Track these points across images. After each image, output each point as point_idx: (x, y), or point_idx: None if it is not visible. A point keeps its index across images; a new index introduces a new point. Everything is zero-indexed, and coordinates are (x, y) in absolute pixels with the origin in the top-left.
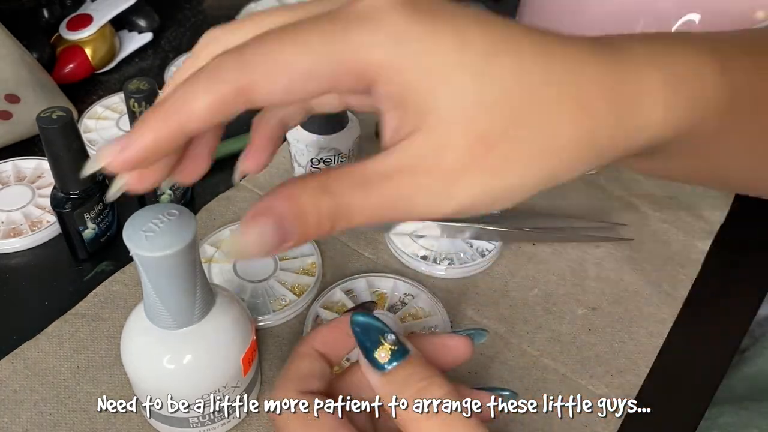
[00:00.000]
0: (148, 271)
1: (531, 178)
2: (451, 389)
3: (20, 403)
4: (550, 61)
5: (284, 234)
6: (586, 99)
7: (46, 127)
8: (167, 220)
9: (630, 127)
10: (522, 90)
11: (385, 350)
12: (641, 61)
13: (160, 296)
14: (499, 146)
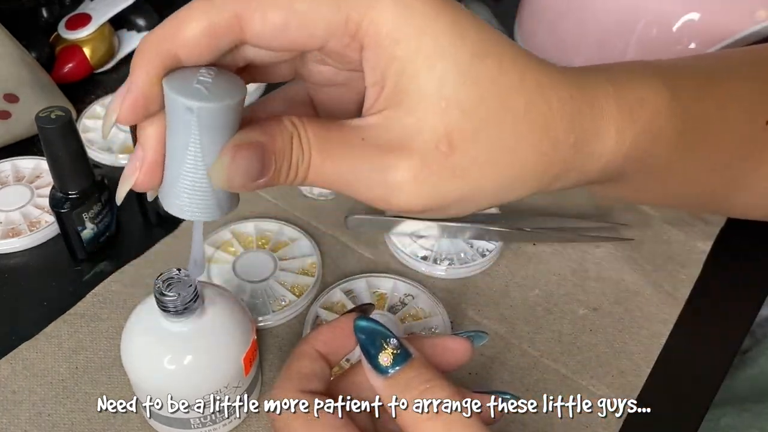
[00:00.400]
0: (205, 130)
1: (486, 188)
2: (453, 391)
3: (19, 404)
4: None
5: (265, 168)
6: (549, 121)
7: (44, 127)
8: (212, 73)
9: (585, 154)
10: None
11: (388, 354)
12: (599, 92)
13: None
14: (463, 148)
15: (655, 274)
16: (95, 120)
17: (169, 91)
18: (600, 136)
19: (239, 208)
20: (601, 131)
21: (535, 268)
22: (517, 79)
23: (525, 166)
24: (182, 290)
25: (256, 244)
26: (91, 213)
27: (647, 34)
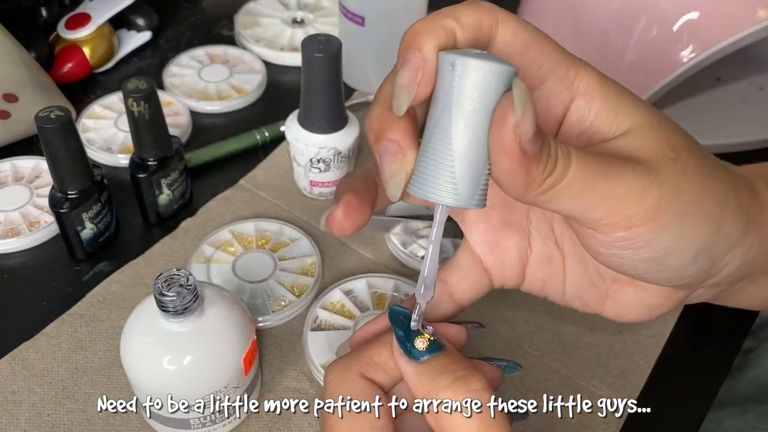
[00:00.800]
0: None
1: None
2: (487, 384)
3: (18, 404)
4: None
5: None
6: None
7: (44, 127)
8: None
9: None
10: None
11: (424, 340)
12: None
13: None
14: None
15: None
16: (95, 120)
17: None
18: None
19: (239, 207)
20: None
21: None
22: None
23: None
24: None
25: (256, 244)
26: (91, 213)
27: (647, 34)
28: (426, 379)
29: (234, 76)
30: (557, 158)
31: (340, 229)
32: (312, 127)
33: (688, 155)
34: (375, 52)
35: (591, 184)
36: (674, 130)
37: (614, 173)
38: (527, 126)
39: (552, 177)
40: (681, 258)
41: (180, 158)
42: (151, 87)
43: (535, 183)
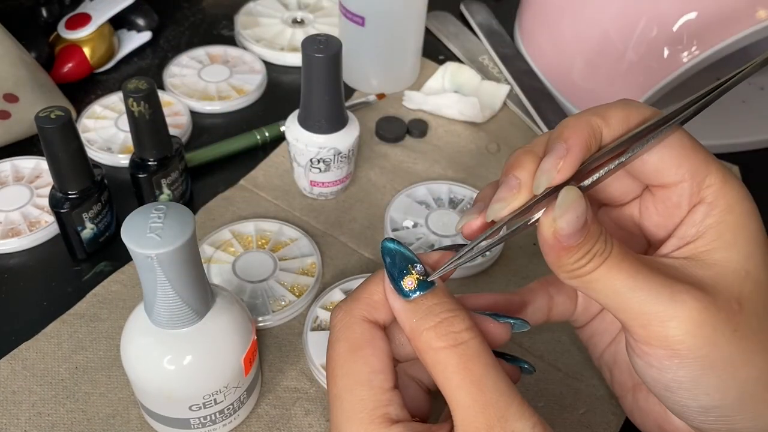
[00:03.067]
0: (167, 268)
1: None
2: (472, 323)
3: (18, 404)
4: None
5: (578, 234)
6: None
7: (44, 127)
8: (161, 215)
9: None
10: None
11: (412, 279)
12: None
13: (181, 289)
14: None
15: None
16: (95, 120)
17: (129, 240)
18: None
19: (239, 207)
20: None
21: (535, 268)
22: None
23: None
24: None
25: (256, 244)
26: (91, 213)
27: (647, 34)
28: (412, 317)
29: (234, 76)
30: (593, 255)
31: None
32: (312, 127)
33: (756, 316)
34: (375, 52)
35: (615, 290)
36: (761, 286)
37: (646, 290)
38: (562, 224)
39: (581, 269)
40: (689, 401)
41: (180, 158)
42: (152, 87)
43: (564, 267)
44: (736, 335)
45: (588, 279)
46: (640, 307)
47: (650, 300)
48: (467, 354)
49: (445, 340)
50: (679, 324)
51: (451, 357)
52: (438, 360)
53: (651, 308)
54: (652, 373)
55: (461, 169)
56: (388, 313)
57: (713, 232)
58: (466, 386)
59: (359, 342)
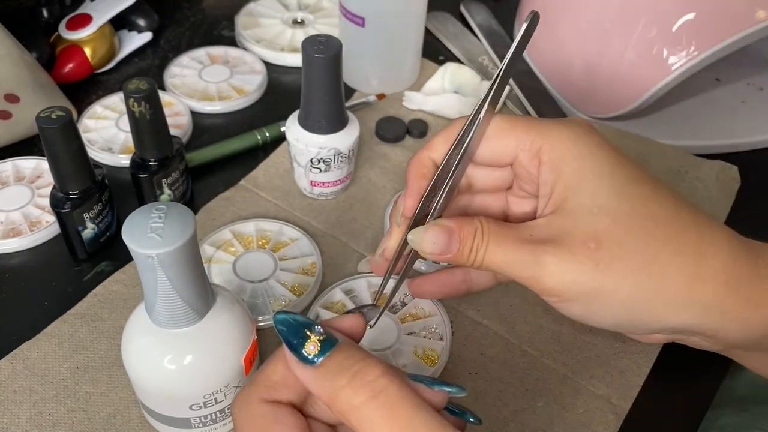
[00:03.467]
0: (168, 268)
1: (624, 288)
2: (386, 367)
3: (20, 404)
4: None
5: (450, 246)
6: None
7: (45, 127)
8: (162, 215)
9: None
10: (647, 213)
11: (314, 343)
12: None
13: (181, 289)
14: (608, 247)
15: None
16: (96, 120)
17: (130, 241)
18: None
19: (239, 207)
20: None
21: None
22: (672, 207)
23: (667, 282)
24: None
25: (256, 244)
26: (92, 213)
27: (647, 34)
28: (325, 382)
29: (234, 76)
30: (477, 249)
31: (380, 272)
32: (312, 128)
33: (618, 245)
34: (375, 52)
35: (504, 266)
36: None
37: (519, 261)
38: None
39: (474, 262)
40: (600, 322)
41: (181, 158)
42: (152, 87)
43: (462, 264)
44: (599, 269)
45: (484, 266)
46: (521, 273)
47: (524, 267)
48: (388, 402)
49: (363, 392)
50: (549, 278)
51: (372, 409)
52: (362, 417)
53: (527, 273)
54: (564, 311)
55: None
56: (290, 390)
57: (559, 185)
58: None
59: (264, 424)
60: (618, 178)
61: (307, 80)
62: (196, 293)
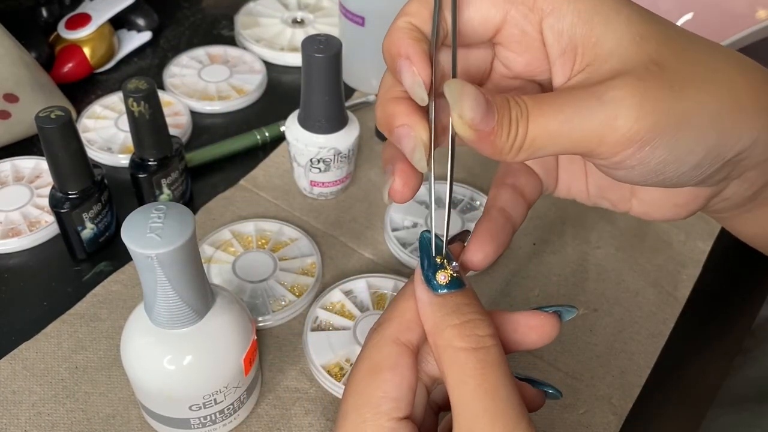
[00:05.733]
0: (168, 268)
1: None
2: (496, 333)
3: (19, 404)
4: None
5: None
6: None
7: (44, 127)
8: (161, 215)
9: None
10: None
11: (446, 274)
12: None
13: (181, 289)
14: (673, 68)
15: (656, 274)
16: (95, 120)
17: (129, 241)
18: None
19: (239, 207)
20: None
21: (535, 268)
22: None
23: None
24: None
25: (256, 244)
26: (91, 213)
27: None
28: (438, 312)
29: (234, 76)
30: (517, 121)
31: (402, 197)
32: (312, 127)
33: (679, 65)
34: (375, 52)
35: (555, 132)
36: (663, 42)
37: (577, 113)
38: (469, 113)
39: (517, 139)
40: (680, 168)
41: (180, 158)
42: (152, 87)
43: (504, 149)
44: (675, 90)
45: (529, 143)
46: (584, 129)
47: (586, 117)
48: (487, 360)
49: (468, 341)
50: (624, 117)
51: (470, 359)
52: (456, 360)
53: (592, 123)
54: (637, 172)
55: (461, 169)
56: (420, 333)
57: (581, 28)
58: (479, 394)
59: (381, 364)
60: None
61: (307, 80)
62: (195, 293)
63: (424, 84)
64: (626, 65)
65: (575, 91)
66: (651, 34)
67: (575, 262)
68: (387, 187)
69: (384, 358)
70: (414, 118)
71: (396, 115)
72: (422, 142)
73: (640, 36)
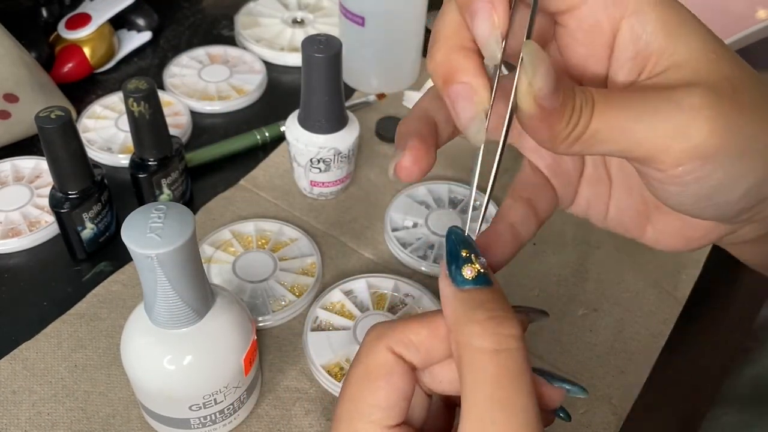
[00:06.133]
0: (168, 268)
1: (765, 133)
2: (523, 335)
3: (19, 404)
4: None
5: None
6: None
7: (44, 127)
8: (161, 215)
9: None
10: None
11: (473, 269)
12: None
13: (181, 289)
14: (744, 90)
15: (656, 274)
16: (95, 120)
17: (129, 241)
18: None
19: (239, 207)
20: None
21: (535, 268)
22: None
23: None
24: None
25: (256, 244)
26: (91, 213)
27: None
28: (461, 307)
29: (234, 76)
30: (581, 108)
31: (409, 175)
32: (312, 127)
33: (747, 91)
34: (375, 52)
35: (620, 129)
36: (736, 64)
37: (649, 113)
38: (540, 83)
39: (577, 128)
40: (731, 194)
41: (180, 158)
42: (152, 87)
43: (560, 136)
44: (745, 112)
45: (590, 134)
46: (653, 132)
47: (659, 119)
48: (507, 365)
49: (490, 340)
50: (699, 128)
51: (489, 364)
52: (473, 361)
53: (665, 126)
54: (690, 192)
55: (461, 169)
56: (419, 354)
57: (662, 36)
58: (491, 403)
59: (376, 371)
60: (707, 27)
61: (307, 80)
62: (195, 293)
63: (502, 38)
64: (701, 77)
65: (647, 92)
66: (724, 55)
67: (575, 262)
68: (394, 162)
69: (379, 366)
70: (480, 81)
71: (461, 69)
72: (484, 112)
73: (714, 52)
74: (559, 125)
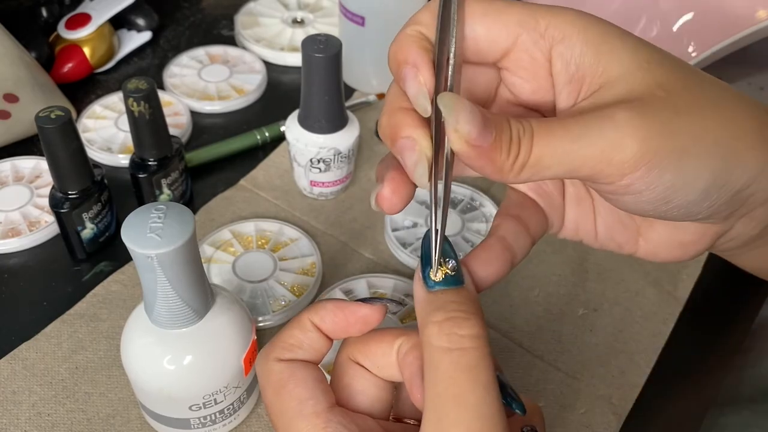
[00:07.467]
0: (167, 268)
1: (713, 130)
2: (483, 335)
3: (18, 404)
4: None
5: (485, 128)
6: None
7: (44, 127)
8: (161, 215)
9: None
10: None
11: (441, 271)
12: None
13: (181, 289)
14: (678, 93)
15: (656, 273)
16: (95, 120)
17: (129, 240)
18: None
19: (239, 207)
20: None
21: (535, 268)
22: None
23: (740, 122)
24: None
25: (256, 244)
26: (91, 213)
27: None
28: (426, 308)
29: (234, 76)
30: (519, 139)
31: (391, 207)
32: (312, 127)
33: (685, 91)
34: (375, 52)
35: (562, 151)
36: (672, 69)
37: (585, 132)
38: (466, 127)
39: (520, 157)
40: (689, 194)
41: (180, 158)
42: (152, 87)
43: (505, 167)
44: (681, 113)
45: (534, 160)
46: (592, 149)
47: (595, 136)
48: (460, 363)
49: (445, 339)
50: (632, 139)
51: (443, 360)
52: (431, 359)
53: (602, 142)
54: (646, 198)
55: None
56: (306, 352)
57: (589, 56)
58: (445, 398)
59: (280, 381)
60: (638, 37)
61: (307, 80)
62: (195, 293)
63: (429, 94)
64: (633, 90)
65: (584, 114)
66: (657, 61)
67: (575, 262)
68: (375, 193)
69: (278, 376)
70: (420, 131)
71: (401, 126)
72: (426, 157)
73: (646, 62)
74: (499, 158)
